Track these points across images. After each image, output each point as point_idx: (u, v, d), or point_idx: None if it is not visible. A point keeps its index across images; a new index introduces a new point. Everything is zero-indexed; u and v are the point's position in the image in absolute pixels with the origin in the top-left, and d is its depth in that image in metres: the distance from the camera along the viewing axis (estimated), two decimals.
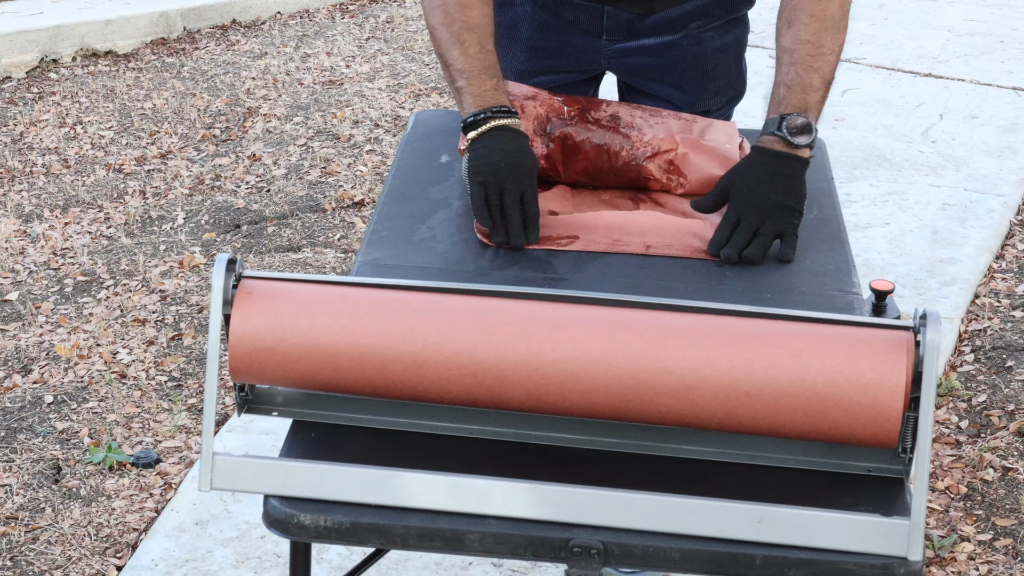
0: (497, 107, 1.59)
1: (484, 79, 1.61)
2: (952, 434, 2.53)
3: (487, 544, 1.23)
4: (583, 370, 1.24)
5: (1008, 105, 4.18)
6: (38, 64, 4.46)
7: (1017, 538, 2.25)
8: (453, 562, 2.15)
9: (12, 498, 2.33)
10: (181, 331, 2.85)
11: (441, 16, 1.64)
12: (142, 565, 2.16)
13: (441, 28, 1.64)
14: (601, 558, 1.22)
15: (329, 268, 3.12)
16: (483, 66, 1.62)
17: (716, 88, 1.84)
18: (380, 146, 3.82)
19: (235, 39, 4.77)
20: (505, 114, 1.59)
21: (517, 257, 1.54)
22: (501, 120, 1.58)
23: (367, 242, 1.57)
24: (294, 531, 1.25)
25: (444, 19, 1.64)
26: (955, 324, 2.89)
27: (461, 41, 1.62)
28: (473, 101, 1.60)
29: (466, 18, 1.63)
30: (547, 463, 1.30)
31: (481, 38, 1.63)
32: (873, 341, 1.23)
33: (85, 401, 2.61)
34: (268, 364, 1.27)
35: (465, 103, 1.61)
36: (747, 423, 1.26)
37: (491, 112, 1.58)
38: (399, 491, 1.24)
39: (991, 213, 3.43)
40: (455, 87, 1.63)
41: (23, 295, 3.01)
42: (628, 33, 1.81)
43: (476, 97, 1.60)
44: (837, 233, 1.61)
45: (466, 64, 1.62)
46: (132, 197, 3.51)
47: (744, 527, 1.21)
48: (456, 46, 1.63)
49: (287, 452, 1.31)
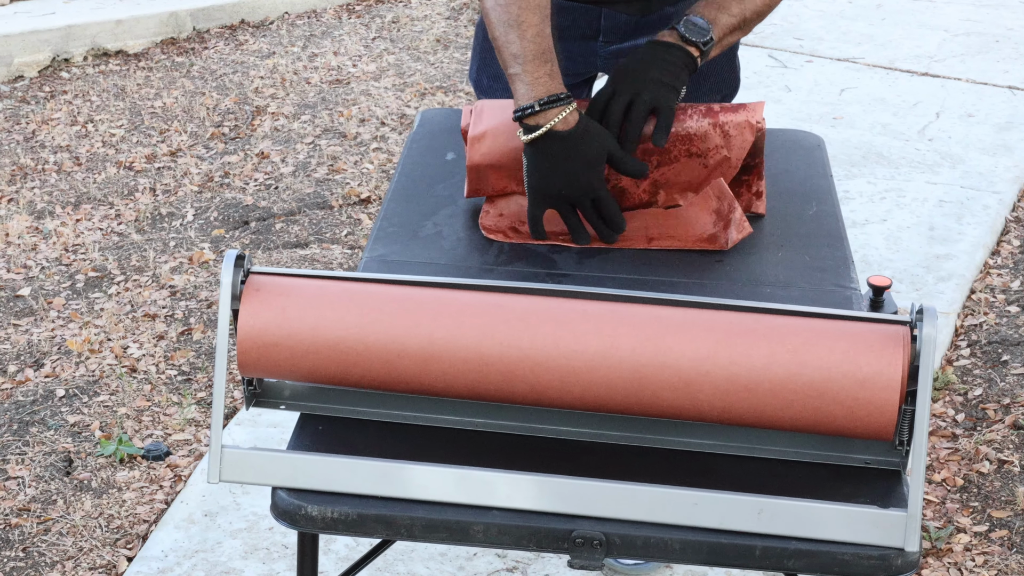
0: (550, 97, 1.50)
1: (538, 65, 1.52)
2: (948, 427, 2.55)
3: (491, 535, 1.24)
4: (585, 364, 1.26)
5: (1003, 104, 4.19)
6: (50, 63, 4.49)
7: (1012, 529, 2.27)
8: (458, 553, 2.17)
9: (24, 490, 2.36)
10: (190, 326, 2.88)
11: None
12: (152, 556, 2.18)
13: (497, 10, 1.55)
14: (603, 549, 1.23)
15: (336, 264, 3.14)
16: (539, 50, 1.53)
17: (709, 86, 1.85)
18: (386, 144, 3.84)
19: (244, 39, 4.79)
20: (558, 103, 1.50)
21: (521, 253, 1.55)
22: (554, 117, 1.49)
23: (373, 238, 1.58)
24: (302, 522, 1.26)
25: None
26: (951, 319, 2.91)
27: (520, 23, 1.54)
28: (526, 91, 1.51)
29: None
30: (550, 456, 1.31)
31: (540, 20, 1.54)
32: (870, 336, 1.24)
33: (96, 395, 2.63)
34: (276, 358, 1.29)
35: (519, 92, 1.51)
36: (746, 416, 1.27)
37: (542, 105, 1.50)
38: (405, 483, 1.26)
39: (987, 210, 3.45)
40: (509, 74, 1.55)
41: (35, 290, 3.04)
42: (624, 34, 1.82)
43: (529, 85, 1.51)
44: (836, 229, 1.62)
45: (521, 48, 1.53)
46: (142, 194, 3.54)
47: (744, 518, 1.22)
48: (514, 28, 1.54)
49: (295, 445, 1.33)
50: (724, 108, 1.58)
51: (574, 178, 1.50)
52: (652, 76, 1.54)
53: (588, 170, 1.50)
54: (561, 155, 1.50)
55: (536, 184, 1.52)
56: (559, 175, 1.51)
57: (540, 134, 1.50)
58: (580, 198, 1.52)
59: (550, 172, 1.51)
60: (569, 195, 1.51)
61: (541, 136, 1.50)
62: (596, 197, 1.52)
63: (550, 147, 1.50)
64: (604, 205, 1.52)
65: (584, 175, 1.50)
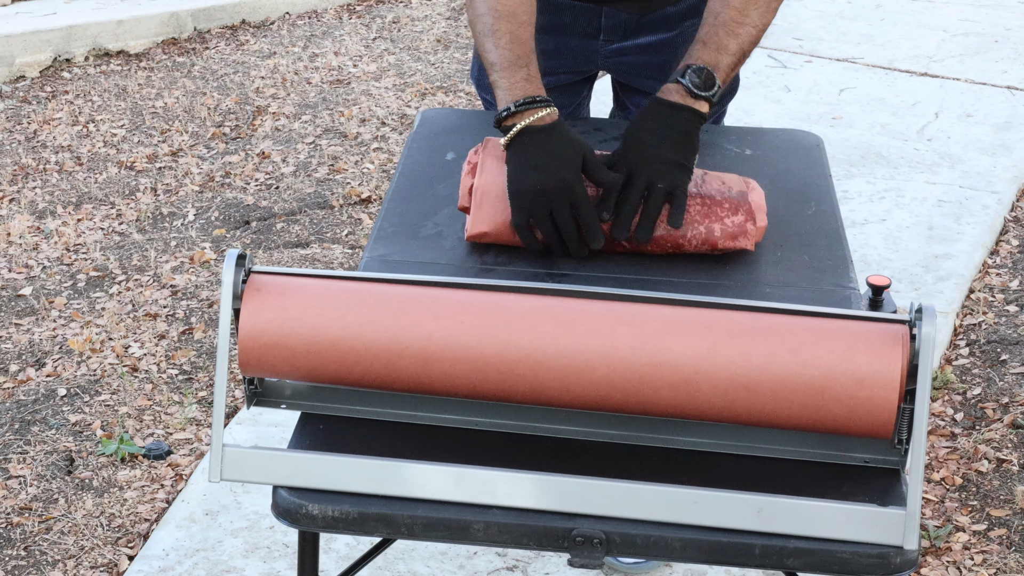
0: (525, 100, 1.50)
1: (514, 70, 1.52)
2: (947, 426, 2.55)
3: (491, 534, 1.24)
4: (585, 364, 1.26)
5: (1002, 104, 4.20)
6: (51, 63, 4.49)
7: (1011, 528, 2.27)
8: (458, 551, 2.17)
9: (26, 489, 2.36)
10: (192, 325, 2.88)
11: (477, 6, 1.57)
12: (153, 555, 2.19)
13: (476, 21, 1.57)
14: (603, 547, 1.23)
15: (337, 264, 3.15)
16: (514, 56, 1.53)
17: None
18: (387, 144, 3.85)
19: (244, 39, 4.80)
20: (534, 105, 1.50)
21: (520, 253, 1.55)
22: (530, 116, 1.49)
23: (374, 238, 1.58)
24: (302, 521, 1.26)
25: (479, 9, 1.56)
26: (950, 318, 2.92)
27: (494, 31, 1.55)
28: (503, 95, 1.52)
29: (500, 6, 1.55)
30: (550, 454, 1.31)
31: (515, 27, 1.54)
32: (869, 335, 1.24)
33: (97, 394, 2.64)
34: (277, 358, 1.29)
35: (498, 97, 1.53)
36: (746, 415, 1.27)
37: (517, 107, 1.50)
38: (405, 482, 1.26)
39: (985, 210, 3.45)
40: (490, 81, 1.55)
41: (37, 290, 3.04)
42: (625, 33, 1.82)
43: (506, 90, 1.52)
44: (835, 229, 1.62)
45: (498, 56, 1.54)
46: (143, 194, 3.54)
47: (743, 517, 1.23)
48: (489, 37, 1.55)
49: (295, 444, 1.33)
50: (724, 205, 1.52)
51: (550, 174, 1.47)
52: (666, 157, 1.50)
53: (564, 166, 1.47)
54: (536, 151, 1.48)
55: (514, 185, 1.49)
56: (535, 171, 1.48)
57: (515, 132, 1.49)
58: (557, 197, 1.47)
59: (526, 168, 1.48)
60: (545, 191, 1.46)
61: (517, 134, 1.49)
62: (574, 198, 1.47)
63: (526, 144, 1.49)
64: (581, 206, 1.48)
65: (560, 171, 1.47)
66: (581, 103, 1.98)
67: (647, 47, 1.81)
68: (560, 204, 1.48)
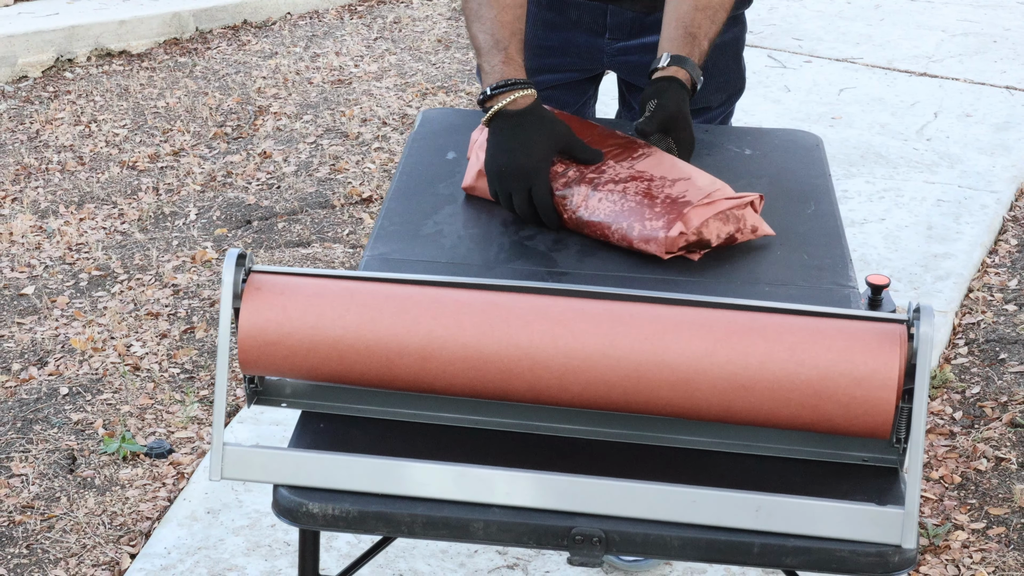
0: (503, 81, 1.54)
1: (494, 54, 1.56)
2: (946, 425, 2.56)
3: (491, 532, 1.25)
4: (584, 363, 1.26)
5: (1001, 104, 4.20)
6: (54, 64, 4.50)
7: (1010, 526, 2.28)
8: (459, 550, 2.18)
9: (28, 487, 2.37)
10: (193, 324, 2.89)
11: None
12: (155, 553, 2.20)
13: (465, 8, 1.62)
14: (602, 546, 1.24)
15: (338, 263, 3.16)
16: (494, 40, 1.57)
17: (716, 85, 1.86)
18: (388, 144, 3.85)
19: (246, 39, 4.80)
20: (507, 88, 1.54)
21: (520, 251, 1.56)
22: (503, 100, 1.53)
23: (375, 237, 1.59)
24: (303, 519, 1.27)
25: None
26: (949, 317, 2.92)
27: (479, 17, 1.59)
28: (484, 79, 1.57)
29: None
30: (549, 453, 1.32)
31: (498, 11, 1.58)
32: (867, 334, 1.24)
33: (99, 393, 2.64)
34: (277, 356, 1.29)
35: (482, 82, 1.59)
36: (744, 414, 1.27)
37: (493, 90, 1.54)
38: (406, 480, 1.26)
39: (984, 209, 3.46)
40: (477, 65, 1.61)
41: (39, 289, 3.05)
42: (630, 31, 1.83)
43: (487, 73, 1.57)
44: (834, 228, 1.63)
45: (481, 40, 1.58)
46: (145, 193, 3.55)
47: (742, 516, 1.23)
48: (475, 22, 1.59)
49: (296, 442, 1.33)
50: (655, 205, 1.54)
51: (513, 157, 1.52)
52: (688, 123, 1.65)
53: (528, 152, 1.52)
54: (507, 133, 1.53)
55: (486, 165, 1.56)
56: (502, 153, 1.53)
57: (491, 114, 1.54)
58: (515, 182, 1.52)
59: (495, 150, 1.54)
60: (505, 175, 1.52)
61: (493, 116, 1.54)
62: (531, 183, 1.52)
63: (499, 126, 1.54)
64: (536, 192, 1.53)
65: (524, 156, 1.52)
66: (586, 103, 1.99)
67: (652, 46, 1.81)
68: (518, 188, 1.53)
